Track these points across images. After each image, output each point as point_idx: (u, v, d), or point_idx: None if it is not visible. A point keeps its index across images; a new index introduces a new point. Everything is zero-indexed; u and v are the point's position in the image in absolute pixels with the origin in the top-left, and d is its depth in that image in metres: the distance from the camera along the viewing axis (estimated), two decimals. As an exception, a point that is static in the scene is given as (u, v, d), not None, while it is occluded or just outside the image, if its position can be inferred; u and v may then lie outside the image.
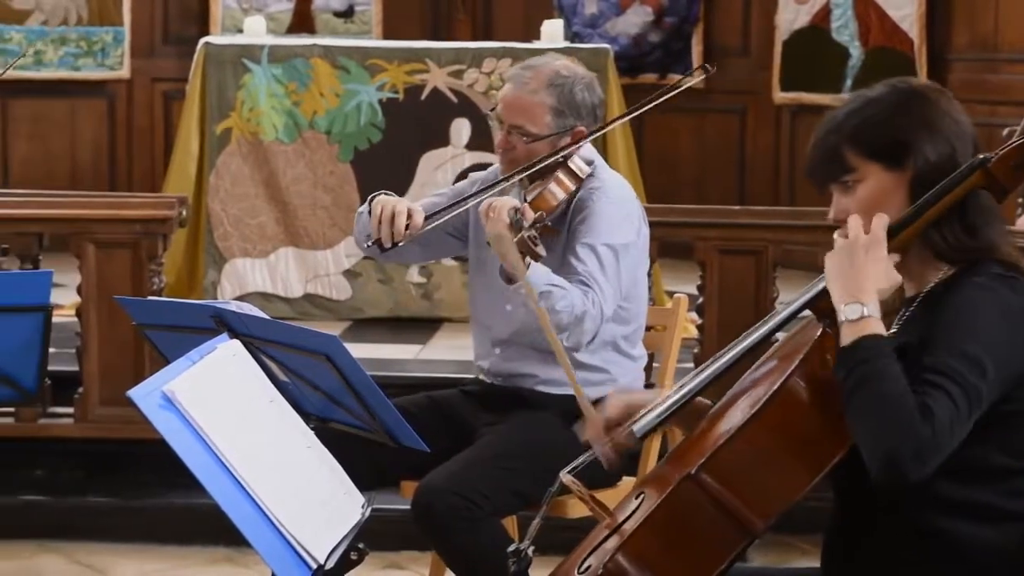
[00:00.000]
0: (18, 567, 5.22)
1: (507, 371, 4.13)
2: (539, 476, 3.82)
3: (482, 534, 3.77)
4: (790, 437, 2.57)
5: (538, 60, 4.11)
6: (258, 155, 6.87)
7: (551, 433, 3.94)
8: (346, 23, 8.71)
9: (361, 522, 2.86)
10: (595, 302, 3.85)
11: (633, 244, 4.02)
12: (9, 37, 8.38)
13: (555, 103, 4.00)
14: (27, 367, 3.72)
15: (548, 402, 4.04)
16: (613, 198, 4.01)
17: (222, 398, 2.74)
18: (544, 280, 3.77)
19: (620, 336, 4.07)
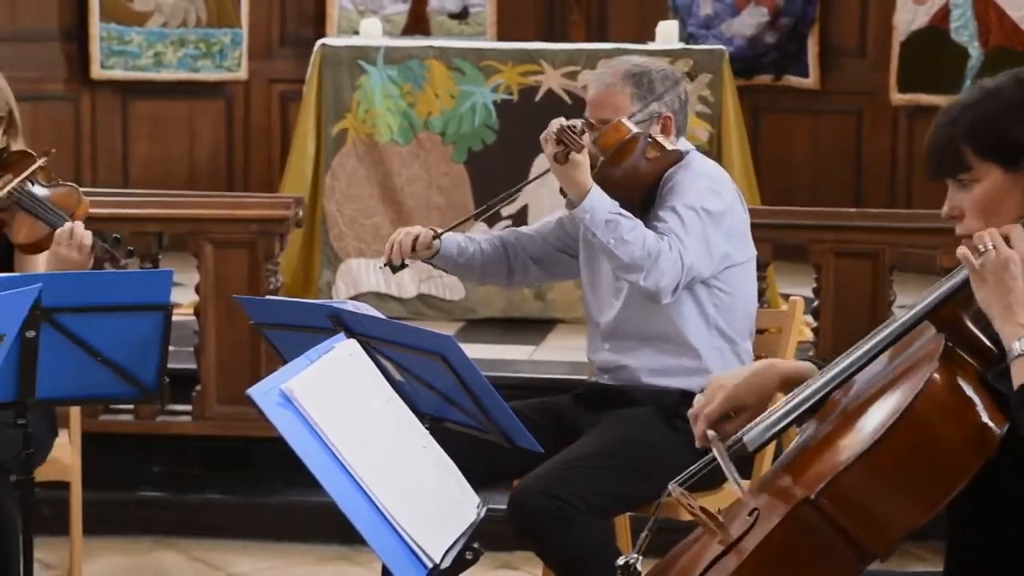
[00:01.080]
0: (136, 562, 5.29)
1: (615, 363, 4.14)
2: (636, 476, 3.83)
3: (577, 535, 3.77)
4: (915, 462, 2.47)
5: (616, 59, 4.23)
6: (373, 156, 6.91)
7: (648, 432, 3.94)
8: (460, 24, 8.74)
9: (476, 522, 2.86)
10: (672, 247, 3.86)
11: (721, 215, 3.99)
12: (129, 39, 8.50)
13: (634, 89, 4.07)
14: (147, 365, 3.77)
15: (649, 398, 4.04)
16: (699, 172, 4.05)
17: (339, 397, 2.76)
18: (608, 206, 3.82)
19: (723, 323, 4.06)
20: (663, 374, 4.03)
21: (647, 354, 4.05)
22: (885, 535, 2.50)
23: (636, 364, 4.08)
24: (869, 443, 2.48)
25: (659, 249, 3.84)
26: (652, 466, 3.72)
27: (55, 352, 3.65)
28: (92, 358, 3.71)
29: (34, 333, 3.59)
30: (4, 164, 4.27)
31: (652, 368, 4.06)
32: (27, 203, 4.18)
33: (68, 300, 3.62)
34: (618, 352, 4.11)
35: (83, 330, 3.66)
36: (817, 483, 2.51)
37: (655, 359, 4.03)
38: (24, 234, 4.17)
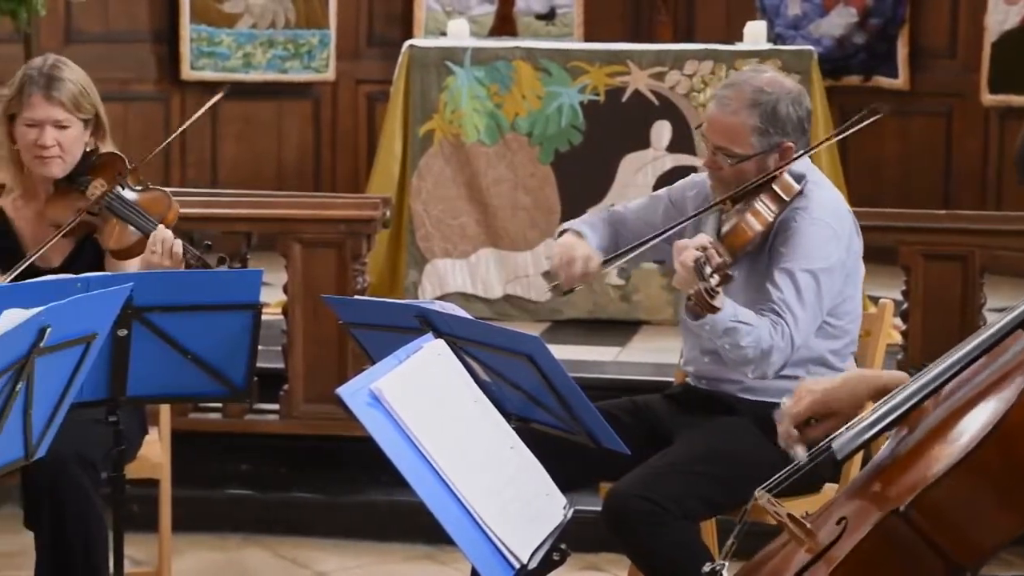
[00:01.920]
0: (224, 559, 5.33)
1: (713, 375, 4.10)
2: (730, 483, 3.81)
3: (670, 538, 3.75)
4: (1009, 474, 2.43)
5: (741, 76, 4.05)
6: (460, 156, 6.93)
7: (746, 440, 3.92)
8: (547, 25, 8.74)
9: (563, 523, 2.86)
10: (784, 334, 3.80)
11: (839, 264, 3.93)
12: (219, 40, 8.57)
13: (758, 122, 3.92)
14: (237, 364, 3.80)
15: (747, 409, 4.02)
16: (818, 218, 3.92)
17: (428, 397, 2.77)
18: (728, 317, 3.73)
19: (828, 351, 4.00)
20: (763, 392, 3.99)
21: None
22: (976, 548, 2.47)
23: (736, 379, 4.04)
24: (962, 454, 2.44)
25: (771, 346, 3.77)
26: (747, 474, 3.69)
27: (146, 350, 3.69)
28: (182, 357, 3.74)
29: (126, 332, 3.63)
30: (93, 167, 4.30)
31: (751, 386, 4.02)
32: (118, 208, 4.21)
33: (159, 299, 3.66)
34: (718, 365, 4.06)
35: (174, 329, 3.70)
36: (907, 494, 2.47)
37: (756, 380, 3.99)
38: (115, 240, 4.20)
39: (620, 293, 6.90)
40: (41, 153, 4.21)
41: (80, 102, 4.24)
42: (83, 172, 4.28)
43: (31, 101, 4.20)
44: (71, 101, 4.22)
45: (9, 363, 2.87)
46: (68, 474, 3.92)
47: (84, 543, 3.97)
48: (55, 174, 4.26)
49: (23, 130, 4.23)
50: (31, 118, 4.21)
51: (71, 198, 4.25)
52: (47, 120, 4.20)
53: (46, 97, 4.20)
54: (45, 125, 4.20)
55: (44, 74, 4.22)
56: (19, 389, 2.94)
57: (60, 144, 4.22)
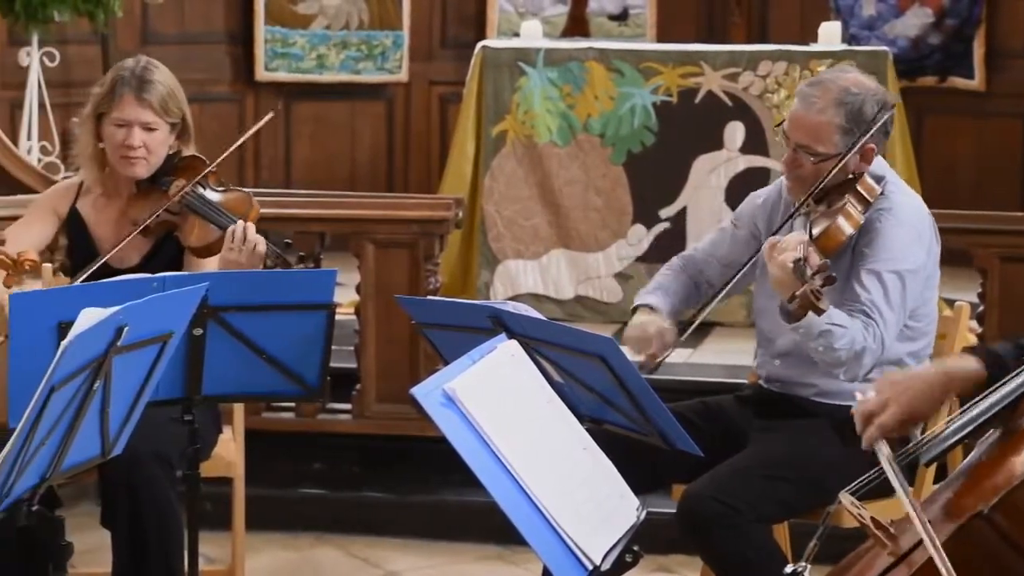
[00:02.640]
0: (297, 558, 5.36)
1: (786, 378, 4.09)
2: (806, 486, 3.80)
3: (745, 541, 3.75)
4: None
5: (827, 75, 4.05)
6: (532, 157, 6.93)
7: (822, 444, 3.90)
8: (620, 26, 8.73)
9: (636, 525, 2.86)
10: (875, 335, 3.79)
11: (921, 266, 3.93)
12: (293, 41, 8.61)
13: (843, 122, 3.92)
14: (310, 363, 3.82)
15: (823, 411, 4.00)
16: (902, 219, 3.92)
17: (501, 397, 2.77)
18: (824, 319, 3.72)
19: (905, 353, 3.98)
20: (838, 396, 3.97)
21: (825, 379, 3.98)
22: None
23: (810, 382, 4.02)
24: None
25: (864, 348, 3.77)
26: (823, 477, 3.68)
27: (221, 350, 3.71)
28: (257, 356, 3.77)
29: (201, 331, 3.65)
30: (176, 168, 4.33)
31: (826, 390, 4.00)
32: (199, 207, 4.24)
33: (234, 299, 3.68)
34: (790, 369, 4.05)
35: (248, 328, 3.72)
36: (991, 496, 2.46)
37: (830, 383, 3.97)
38: (195, 237, 4.23)
39: (693, 295, 6.87)
40: (128, 154, 4.25)
41: (169, 105, 4.27)
42: (165, 173, 4.32)
43: (122, 101, 4.24)
44: (160, 104, 4.25)
45: (87, 362, 2.90)
46: (145, 472, 3.95)
47: (160, 540, 4.00)
48: (139, 175, 4.29)
49: (111, 129, 4.27)
50: (120, 118, 4.24)
51: (153, 197, 4.28)
52: (136, 121, 4.24)
53: (137, 99, 4.23)
54: (134, 126, 4.24)
55: (136, 75, 4.26)
56: (96, 388, 2.97)
57: (146, 146, 4.25)
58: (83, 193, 4.38)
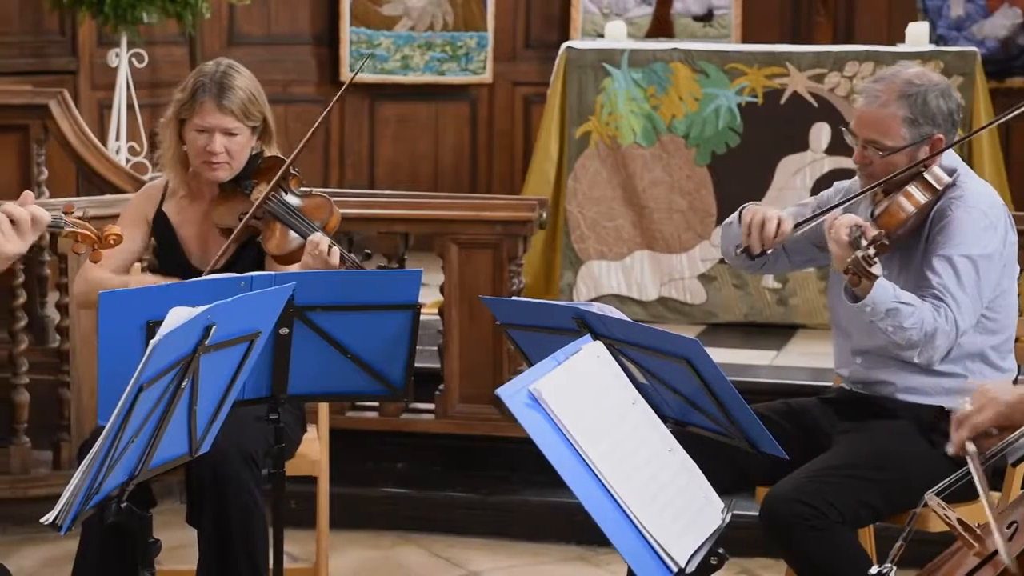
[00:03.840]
0: (380, 557, 5.38)
1: (867, 378, 4.07)
2: (892, 488, 3.77)
3: (829, 543, 3.72)
4: None
5: (889, 71, 4.05)
6: (616, 158, 6.93)
7: (907, 445, 3.88)
8: (704, 27, 8.70)
9: (721, 527, 2.85)
10: (948, 317, 3.78)
11: (997, 254, 3.92)
12: (378, 43, 8.65)
13: (908, 114, 3.92)
14: (395, 363, 3.84)
15: (906, 411, 3.97)
16: (973, 206, 3.92)
17: (586, 399, 2.77)
18: (890, 297, 3.72)
19: (988, 347, 3.97)
20: (921, 393, 3.95)
21: (904, 374, 3.96)
22: None
23: (892, 380, 4.00)
24: None
25: (935, 328, 3.77)
26: (908, 479, 3.66)
27: (307, 349, 3.74)
28: (342, 356, 3.79)
29: (288, 330, 3.68)
30: (258, 170, 4.35)
31: (909, 386, 3.98)
32: (280, 212, 4.25)
33: (320, 298, 3.71)
34: (871, 368, 4.03)
35: (334, 328, 3.74)
36: None
37: (913, 378, 3.95)
38: (276, 244, 4.24)
39: (777, 296, 6.84)
40: (209, 159, 4.26)
41: (249, 110, 4.28)
42: (248, 176, 4.33)
43: (202, 108, 4.24)
44: (241, 109, 4.25)
45: (175, 360, 2.93)
46: (230, 470, 3.98)
47: (245, 538, 4.02)
48: (221, 179, 4.31)
49: (193, 135, 4.28)
50: (202, 124, 4.25)
51: (235, 201, 4.30)
52: (217, 127, 4.24)
53: (217, 106, 4.23)
54: (215, 132, 4.24)
55: (216, 81, 4.25)
56: (184, 386, 2.99)
57: (228, 151, 4.27)
58: (169, 195, 4.41)
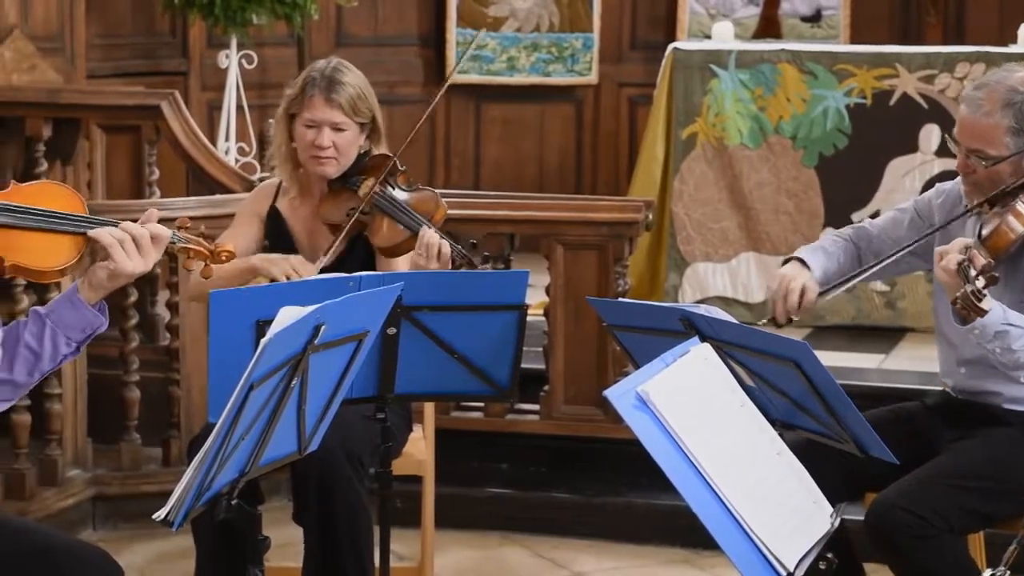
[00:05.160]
0: (484, 557, 5.39)
1: (972, 388, 4.02)
2: (999, 495, 3.74)
3: (934, 552, 3.68)
4: None
5: (993, 77, 3.94)
6: (722, 160, 6.90)
7: (1014, 452, 3.83)
8: (812, 28, 8.64)
9: (830, 532, 2.83)
10: None
11: None
12: (484, 44, 8.67)
13: (1012, 123, 3.83)
14: (502, 364, 3.85)
15: (1015, 419, 3.92)
16: None
17: (694, 401, 2.76)
18: (999, 320, 3.65)
19: None
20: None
21: (1011, 384, 3.90)
22: None
23: (998, 391, 3.94)
24: None
25: None
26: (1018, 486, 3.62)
27: (414, 349, 3.76)
28: (448, 356, 3.80)
29: (395, 330, 3.70)
30: (366, 168, 4.39)
31: (1016, 397, 3.93)
32: (387, 206, 4.29)
33: (428, 298, 3.72)
34: (977, 378, 3.98)
35: (441, 328, 3.76)
36: None
37: (1016, 389, 3.89)
38: (383, 237, 4.28)
39: (885, 299, 6.78)
40: (318, 154, 4.31)
41: (358, 106, 4.32)
42: (356, 173, 4.37)
43: (312, 102, 4.30)
44: (349, 105, 4.30)
45: (285, 359, 2.95)
46: (337, 469, 4.01)
47: (351, 536, 4.06)
48: (329, 174, 4.35)
49: (302, 130, 4.33)
50: (311, 119, 4.31)
51: (343, 197, 4.34)
52: (326, 122, 4.30)
53: (326, 100, 4.29)
54: (323, 127, 4.30)
55: (326, 76, 4.32)
56: (294, 385, 3.01)
57: (336, 146, 4.31)
58: (282, 193, 4.46)
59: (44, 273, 3.20)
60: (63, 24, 7.18)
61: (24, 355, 3.19)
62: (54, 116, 6.33)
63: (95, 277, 3.20)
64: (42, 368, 3.21)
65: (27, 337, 3.19)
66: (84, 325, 3.21)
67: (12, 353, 3.18)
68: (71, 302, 3.20)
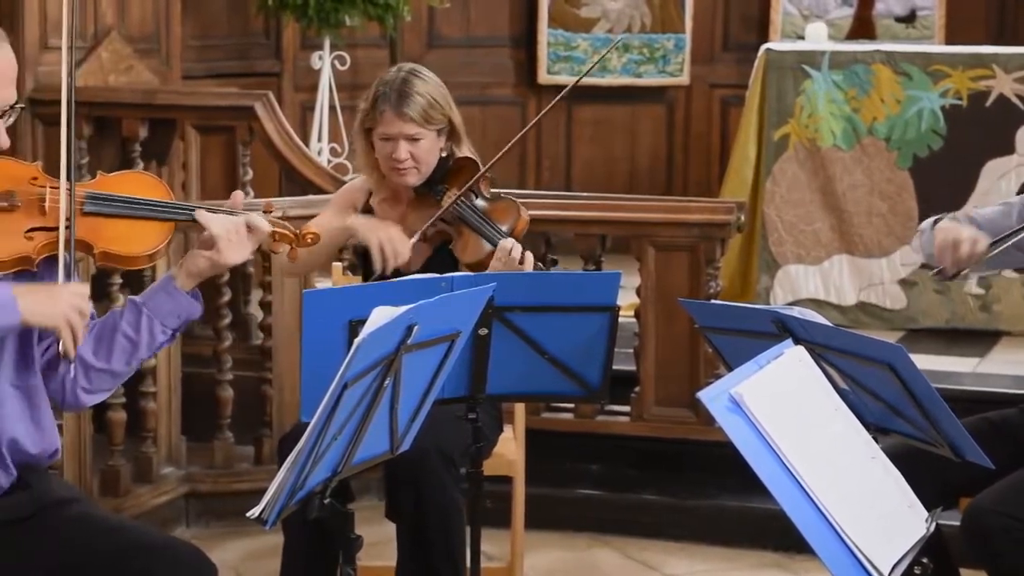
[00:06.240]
0: (574, 558, 5.39)
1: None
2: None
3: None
4: None
5: None
6: (815, 161, 6.85)
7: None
8: (907, 28, 8.57)
9: (926, 536, 2.80)
10: None
11: None
12: (575, 45, 8.67)
13: None
14: (593, 365, 3.84)
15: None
16: None
17: (788, 403, 2.75)
18: None
19: None
20: None
21: None
22: None
23: None
24: None
25: None
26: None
27: (505, 349, 3.76)
28: (539, 356, 3.80)
29: (487, 331, 3.70)
30: (450, 173, 4.38)
31: None
32: (469, 216, 4.28)
33: (519, 299, 3.72)
34: None
35: (533, 329, 3.76)
36: None
37: None
38: (468, 252, 4.27)
39: (980, 303, 6.71)
40: (396, 166, 4.32)
41: (430, 115, 4.31)
42: (439, 178, 4.37)
43: (383, 117, 4.30)
44: (421, 116, 4.29)
45: (378, 359, 2.96)
46: (429, 468, 4.02)
47: (444, 535, 4.07)
48: (411, 183, 4.36)
49: (379, 143, 4.34)
50: (384, 133, 4.31)
51: (427, 205, 4.34)
52: (399, 135, 4.29)
53: (397, 114, 4.27)
54: (398, 139, 4.29)
55: (395, 89, 4.29)
56: (387, 385, 3.02)
57: (413, 156, 4.31)
58: (374, 194, 4.48)
59: (134, 259, 3.24)
60: (159, 26, 7.26)
61: (122, 344, 3.23)
62: (150, 117, 6.40)
63: (194, 265, 3.25)
64: (139, 356, 3.26)
65: (124, 326, 3.23)
66: (180, 312, 3.25)
67: (110, 343, 3.23)
68: (167, 290, 3.25)
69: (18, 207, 3.14)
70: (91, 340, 3.19)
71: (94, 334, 3.22)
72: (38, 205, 3.14)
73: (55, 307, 3.03)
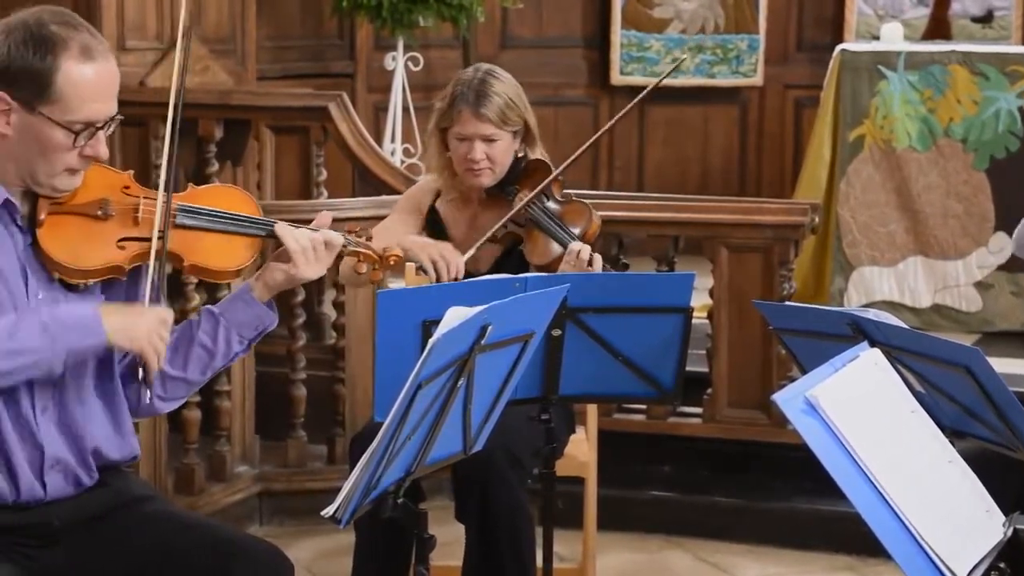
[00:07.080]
0: (646, 560, 5.38)
1: None
2: None
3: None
4: None
5: None
6: (890, 162, 6.80)
7: None
8: (983, 28, 8.49)
9: (1003, 541, 2.78)
10: None
11: None
12: (648, 45, 8.66)
13: None
14: (666, 366, 3.84)
15: None
16: None
17: (864, 406, 2.73)
18: None
19: None
20: None
21: None
22: None
23: None
24: None
25: None
26: None
27: (578, 350, 3.76)
28: (612, 357, 3.80)
29: (560, 332, 3.70)
30: (522, 174, 4.38)
31: None
32: (541, 219, 4.28)
33: (593, 300, 3.72)
34: None
35: (606, 330, 3.76)
36: None
37: None
38: (538, 254, 4.26)
39: (1058, 305, 6.66)
40: (471, 166, 4.32)
41: (508, 116, 4.31)
42: (512, 180, 4.37)
43: (461, 117, 4.30)
44: (498, 116, 4.29)
45: (452, 359, 2.97)
46: (496, 471, 4.01)
47: (511, 538, 4.06)
48: (485, 184, 4.36)
49: (454, 143, 4.34)
50: (461, 133, 4.31)
51: (499, 206, 4.34)
52: (476, 135, 4.29)
53: (475, 114, 4.28)
54: (475, 140, 4.29)
55: (473, 89, 4.29)
56: (460, 385, 3.03)
57: (489, 157, 4.31)
58: (443, 194, 4.48)
59: (222, 273, 3.27)
60: (234, 27, 7.31)
61: (198, 353, 3.25)
62: (225, 117, 6.44)
63: (272, 278, 3.27)
64: (215, 366, 3.28)
65: (201, 336, 3.25)
66: (256, 323, 3.27)
67: (186, 352, 3.24)
68: (244, 300, 3.26)
69: (112, 216, 3.14)
70: (168, 349, 3.20)
71: (171, 343, 3.24)
72: (131, 215, 3.15)
73: (139, 331, 3.04)
